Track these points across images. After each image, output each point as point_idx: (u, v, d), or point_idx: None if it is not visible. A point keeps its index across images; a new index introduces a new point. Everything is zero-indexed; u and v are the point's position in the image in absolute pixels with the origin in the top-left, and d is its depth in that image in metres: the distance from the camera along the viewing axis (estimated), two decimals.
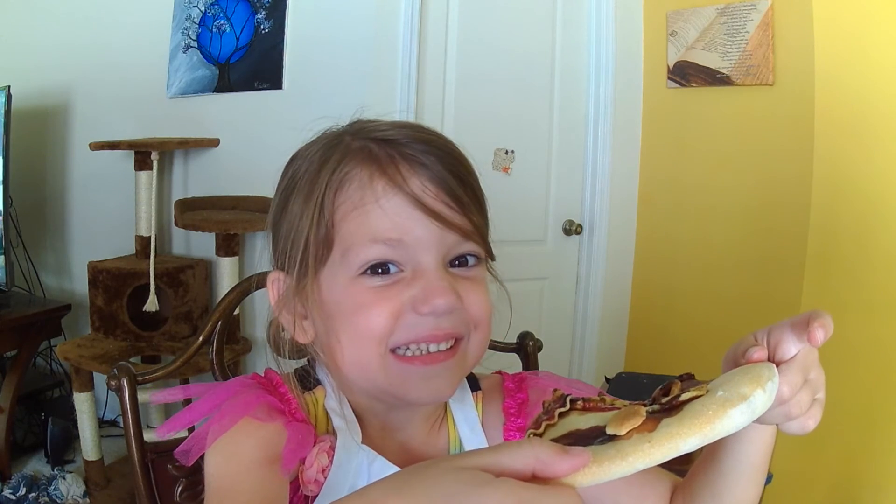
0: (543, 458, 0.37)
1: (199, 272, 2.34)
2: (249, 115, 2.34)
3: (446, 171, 0.59)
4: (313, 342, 0.64)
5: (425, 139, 0.61)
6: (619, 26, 2.40)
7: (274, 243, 0.65)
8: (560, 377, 0.73)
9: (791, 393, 0.48)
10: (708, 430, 0.39)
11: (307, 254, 0.60)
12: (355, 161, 0.59)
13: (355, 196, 0.58)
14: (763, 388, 0.42)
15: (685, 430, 0.39)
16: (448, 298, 0.57)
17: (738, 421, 0.40)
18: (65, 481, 2.20)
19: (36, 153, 2.84)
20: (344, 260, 0.59)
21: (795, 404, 0.49)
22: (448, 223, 0.58)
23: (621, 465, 0.39)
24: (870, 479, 1.90)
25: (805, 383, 0.49)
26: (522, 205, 2.34)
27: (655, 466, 0.66)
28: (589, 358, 2.51)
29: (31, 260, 2.69)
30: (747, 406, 0.41)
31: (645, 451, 0.39)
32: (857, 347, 1.91)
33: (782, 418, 0.49)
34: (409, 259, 0.58)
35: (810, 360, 0.50)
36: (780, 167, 2.09)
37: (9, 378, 2.37)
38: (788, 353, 0.50)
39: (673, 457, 0.39)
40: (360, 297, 0.58)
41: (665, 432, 0.39)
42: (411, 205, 0.57)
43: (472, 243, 0.60)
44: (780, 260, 2.08)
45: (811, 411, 0.50)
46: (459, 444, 0.68)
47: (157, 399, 0.70)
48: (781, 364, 0.49)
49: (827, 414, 0.52)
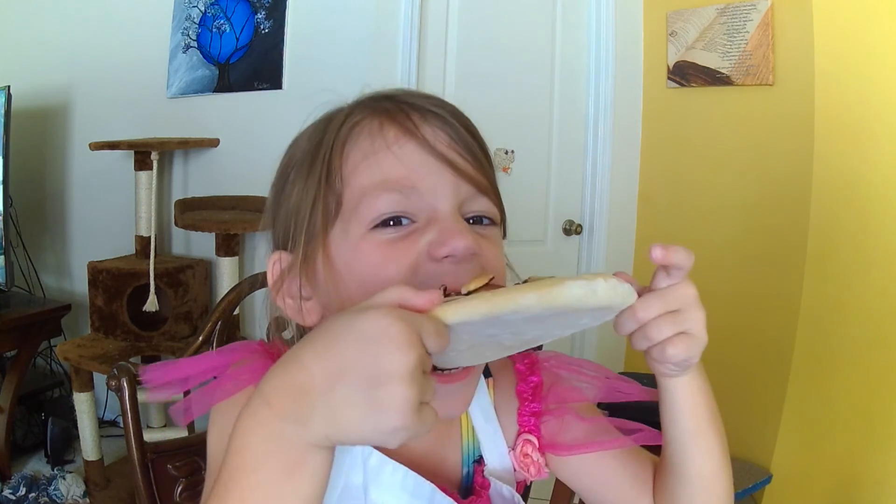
0: (404, 294, 0.43)
1: (199, 272, 2.34)
2: (249, 115, 2.34)
3: (456, 121, 0.58)
4: (321, 322, 0.61)
5: (433, 97, 0.60)
6: (619, 26, 2.40)
7: (274, 227, 0.62)
8: (570, 357, 0.71)
9: (646, 314, 0.49)
10: (545, 292, 0.42)
11: (314, 218, 0.57)
12: (363, 112, 0.57)
13: (365, 144, 0.56)
14: (605, 279, 0.45)
15: (525, 288, 0.43)
16: (467, 239, 0.53)
17: (576, 292, 0.43)
18: (65, 481, 2.20)
19: (36, 153, 2.84)
20: (355, 215, 0.55)
21: (653, 327, 0.50)
22: (462, 173, 0.56)
23: (470, 303, 0.43)
24: (870, 479, 1.90)
25: (670, 314, 0.50)
26: (522, 205, 2.34)
27: (642, 449, 0.65)
28: (589, 358, 2.50)
29: (31, 260, 2.69)
30: (586, 283, 0.43)
31: (487, 297, 0.43)
32: (857, 346, 1.91)
33: (644, 341, 0.51)
34: (424, 207, 0.55)
35: (682, 294, 0.51)
36: (780, 167, 2.09)
37: (9, 378, 2.37)
38: (656, 284, 0.51)
39: (511, 308, 0.42)
40: (373, 253, 0.54)
41: (508, 288, 0.44)
42: (425, 151, 0.55)
43: (487, 200, 0.58)
44: (780, 260, 2.08)
45: (673, 339, 0.50)
46: (472, 433, 0.67)
47: (154, 397, 0.67)
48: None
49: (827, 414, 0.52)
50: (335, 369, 0.40)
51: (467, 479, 0.65)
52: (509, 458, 0.67)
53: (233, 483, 0.41)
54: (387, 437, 0.40)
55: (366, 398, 0.39)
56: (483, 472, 0.65)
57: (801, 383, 2.01)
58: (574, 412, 0.66)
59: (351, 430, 0.40)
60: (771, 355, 2.07)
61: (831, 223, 1.97)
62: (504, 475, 0.66)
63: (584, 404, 0.68)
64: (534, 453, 0.66)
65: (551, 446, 0.66)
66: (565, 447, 0.65)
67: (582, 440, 0.65)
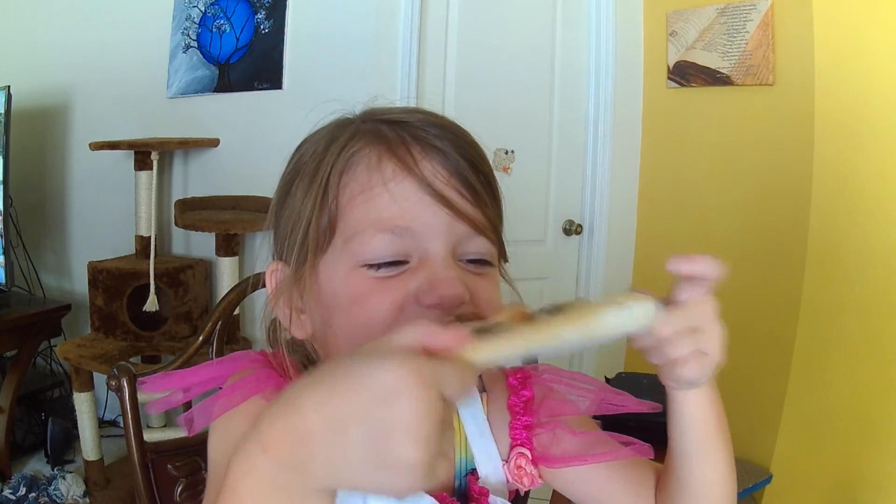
0: (427, 332, 0.38)
1: (199, 272, 2.34)
2: (249, 115, 2.34)
3: (461, 157, 0.56)
4: (311, 337, 0.60)
5: (440, 123, 0.58)
6: (619, 26, 2.40)
7: (275, 232, 0.62)
8: (562, 370, 0.71)
9: (666, 332, 0.48)
10: (581, 323, 0.41)
11: (307, 240, 0.56)
12: (364, 141, 0.56)
13: (362, 178, 0.55)
14: (637, 301, 0.44)
15: (560, 321, 0.41)
16: (455, 289, 0.52)
17: (611, 321, 0.42)
18: (65, 481, 2.20)
19: (36, 153, 2.84)
20: (346, 248, 0.54)
21: (671, 345, 0.49)
22: (459, 212, 0.54)
23: (507, 342, 0.40)
24: (870, 479, 1.89)
25: (689, 331, 0.49)
26: (522, 205, 2.34)
27: (640, 458, 0.64)
28: (589, 358, 2.51)
29: (31, 260, 2.69)
30: (619, 310, 0.43)
31: (525, 333, 0.40)
32: (856, 345, 1.91)
33: (661, 358, 0.50)
34: (416, 248, 0.54)
35: (700, 309, 0.50)
36: (780, 167, 2.09)
37: (9, 378, 2.37)
38: (676, 297, 0.50)
39: (552, 344, 0.41)
40: (360, 286, 0.54)
41: (545, 320, 0.42)
42: (421, 189, 0.54)
43: (484, 239, 0.56)
44: (781, 259, 2.08)
45: (690, 361, 0.49)
46: (466, 446, 0.66)
47: (155, 407, 0.65)
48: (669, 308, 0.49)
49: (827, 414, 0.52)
50: (338, 421, 0.36)
51: (459, 491, 0.65)
52: (503, 470, 0.67)
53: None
54: (393, 493, 0.37)
55: (371, 456, 0.35)
56: (478, 482, 0.65)
57: (801, 383, 2.01)
58: (566, 425, 0.66)
59: (353, 483, 0.37)
60: (771, 355, 2.07)
61: (831, 223, 1.97)
62: (498, 487, 0.66)
63: (578, 417, 0.68)
64: (527, 465, 0.66)
65: (543, 459, 0.66)
66: (557, 459, 0.66)
67: (573, 453, 0.65)
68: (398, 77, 2.07)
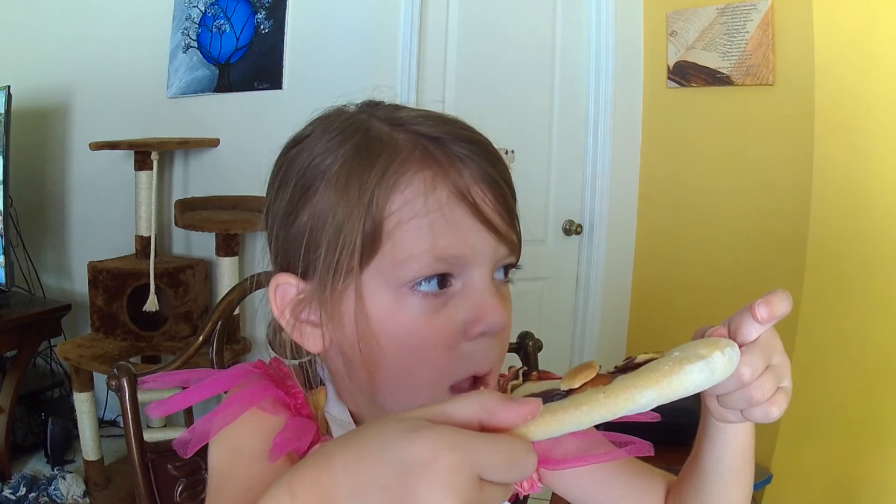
0: (489, 406, 0.36)
1: (199, 272, 2.34)
2: (249, 115, 2.34)
3: (498, 175, 0.56)
4: (325, 352, 0.59)
5: (470, 138, 0.56)
6: (619, 26, 2.40)
7: (280, 241, 0.59)
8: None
9: (752, 375, 0.47)
10: (664, 383, 0.38)
11: (340, 256, 0.54)
12: (411, 160, 0.54)
13: (416, 202, 0.53)
14: (721, 352, 0.41)
15: (641, 383, 0.38)
16: (501, 317, 0.54)
17: (696, 378, 0.39)
18: (65, 481, 2.20)
19: (36, 153, 2.84)
20: (393, 270, 0.53)
21: (757, 388, 0.48)
22: (502, 236, 0.55)
23: (575, 415, 0.37)
24: (870, 479, 1.90)
25: (768, 368, 0.48)
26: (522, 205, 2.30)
27: (650, 465, 0.66)
28: (589, 358, 2.51)
29: (31, 260, 2.69)
30: (705, 364, 0.39)
31: (600, 400, 0.37)
32: (856, 346, 1.91)
33: (744, 402, 0.49)
34: (462, 272, 0.54)
35: (773, 345, 0.49)
36: (780, 167, 2.09)
37: (9, 378, 2.37)
38: (749, 336, 0.48)
39: (629, 411, 0.38)
40: (412, 320, 0.53)
41: (621, 384, 0.38)
42: (473, 216, 0.53)
43: (515, 256, 0.58)
44: (780, 260, 2.08)
45: (775, 398, 0.49)
46: None
47: (157, 411, 0.63)
48: (743, 347, 0.47)
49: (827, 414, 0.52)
50: (361, 488, 0.35)
51: None
52: None
53: None
54: None
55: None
56: None
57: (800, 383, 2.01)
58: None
59: None
60: None
61: (831, 223, 1.97)
62: None
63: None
64: None
65: (543, 461, 0.66)
66: (557, 461, 0.66)
67: (573, 454, 0.65)
68: (398, 77, 2.07)
